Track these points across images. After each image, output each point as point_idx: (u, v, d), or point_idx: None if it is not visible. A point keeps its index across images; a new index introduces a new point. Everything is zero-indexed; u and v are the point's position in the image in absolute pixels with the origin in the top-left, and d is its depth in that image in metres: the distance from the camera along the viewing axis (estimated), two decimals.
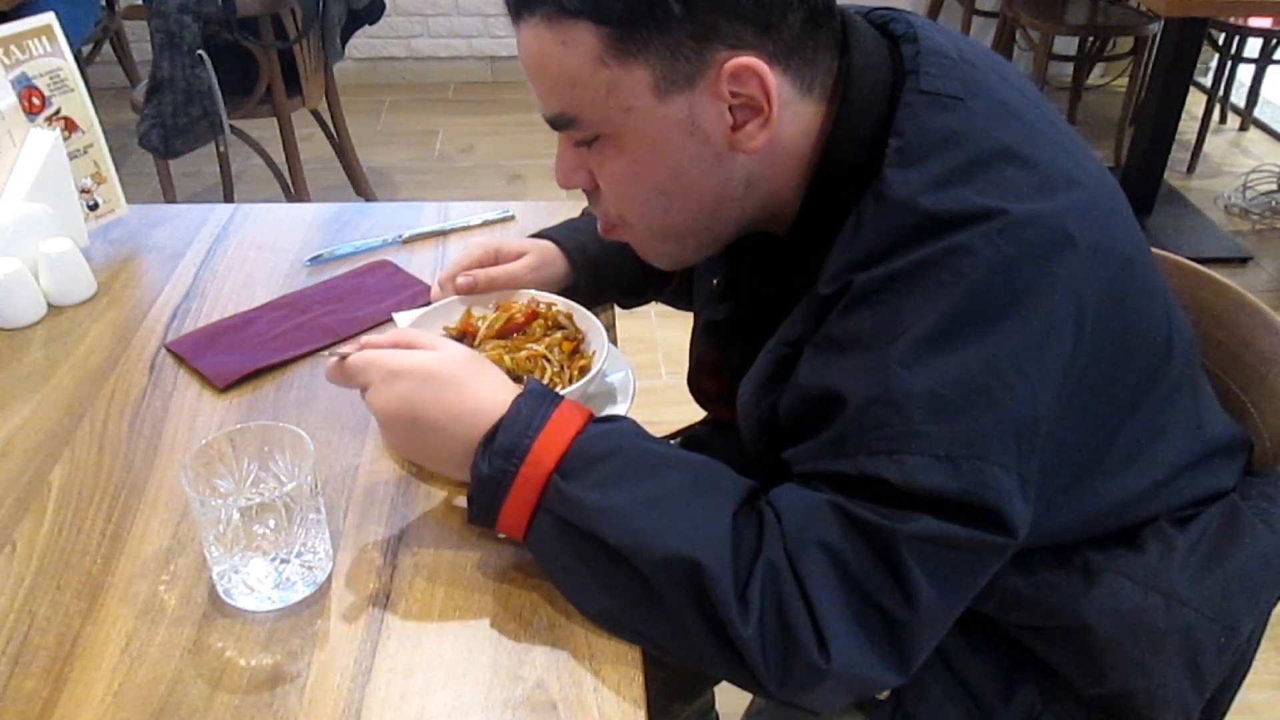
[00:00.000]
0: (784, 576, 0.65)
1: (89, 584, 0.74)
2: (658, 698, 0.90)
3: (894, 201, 0.67)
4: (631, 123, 0.70)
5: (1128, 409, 0.75)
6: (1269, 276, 2.89)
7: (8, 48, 1.10)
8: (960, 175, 0.66)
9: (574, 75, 0.69)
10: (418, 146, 3.63)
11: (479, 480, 0.71)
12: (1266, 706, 1.67)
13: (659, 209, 0.76)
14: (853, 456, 0.66)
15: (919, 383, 0.64)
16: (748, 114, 0.70)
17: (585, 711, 0.65)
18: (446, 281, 0.98)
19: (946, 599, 0.66)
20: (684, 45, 0.67)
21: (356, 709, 0.65)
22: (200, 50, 2.36)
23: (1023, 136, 0.69)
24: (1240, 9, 2.84)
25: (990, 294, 0.64)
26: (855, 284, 0.67)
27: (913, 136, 0.68)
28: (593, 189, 0.78)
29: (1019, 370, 0.64)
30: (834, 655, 0.64)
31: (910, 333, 0.65)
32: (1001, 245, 0.64)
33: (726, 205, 0.75)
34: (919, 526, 0.63)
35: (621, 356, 0.96)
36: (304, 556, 0.73)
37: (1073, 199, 0.67)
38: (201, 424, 0.91)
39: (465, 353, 0.77)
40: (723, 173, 0.73)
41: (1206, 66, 3.84)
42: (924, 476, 0.63)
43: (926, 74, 0.70)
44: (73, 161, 1.15)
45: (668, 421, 1.18)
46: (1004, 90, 0.72)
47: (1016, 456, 0.65)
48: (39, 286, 1.08)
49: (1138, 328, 0.73)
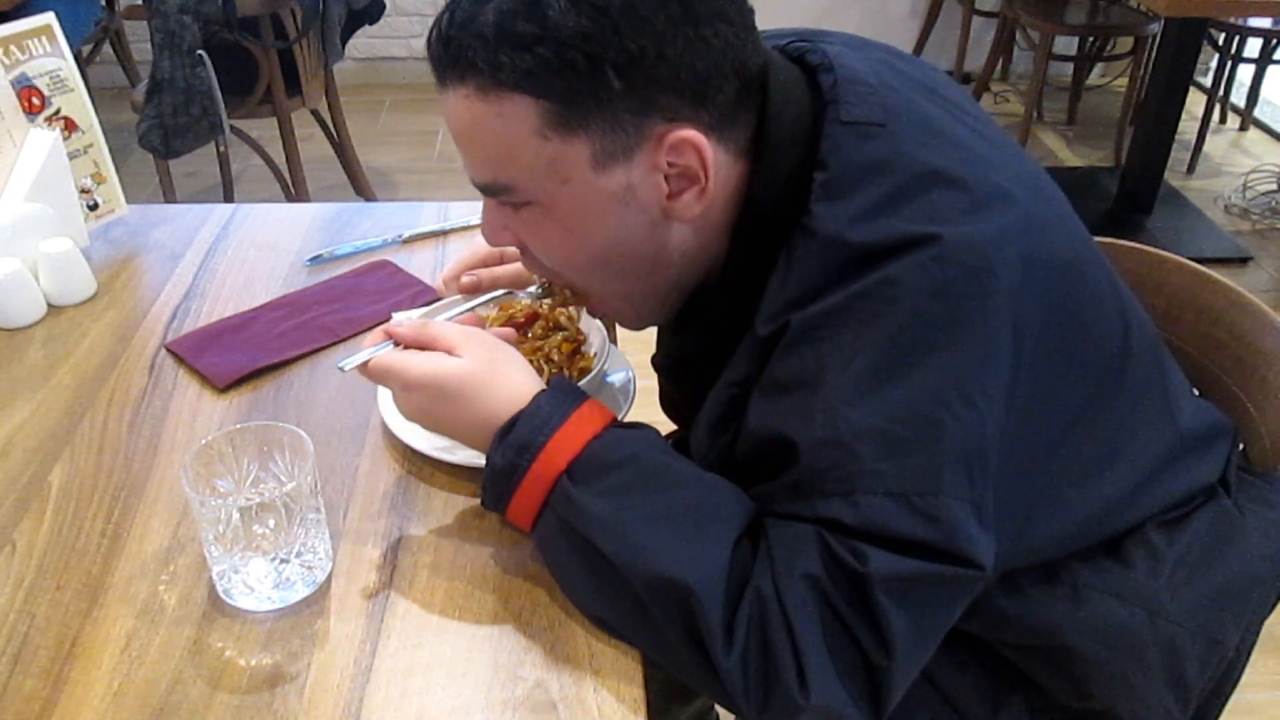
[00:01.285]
0: (771, 607, 0.64)
1: (89, 584, 0.74)
2: (657, 698, 0.90)
3: (823, 237, 0.67)
4: (567, 193, 0.70)
5: (1092, 413, 0.74)
6: (1269, 276, 2.89)
7: (8, 48, 1.10)
8: (887, 204, 0.66)
9: (512, 147, 0.68)
10: (418, 146, 3.63)
11: (492, 470, 0.72)
12: (1266, 706, 1.67)
13: (595, 276, 0.76)
14: (809, 499, 0.65)
15: (865, 420, 0.64)
16: (683, 183, 0.70)
17: (585, 711, 0.65)
18: (450, 280, 0.98)
19: (922, 637, 0.66)
20: (624, 119, 0.66)
21: (356, 709, 0.65)
22: (200, 50, 2.36)
23: (950, 155, 0.69)
24: (1240, 9, 2.84)
25: (926, 323, 0.64)
26: (793, 323, 0.67)
27: (837, 168, 0.68)
28: (522, 247, 0.78)
29: (963, 397, 0.64)
30: (813, 691, 0.63)
31: (852, 369, 0.64)
32: (933, 272, 0.64)
33: (664, 269, 0.76)
34: (887, 568, 0.63)
35: (622, 357, 0.96)
36: (304, 556, 0.73)
37: (1005, 215, 0.67)
38: (201, 424, 0.91)
39: (483, 357, 0.75)
40: (658, 240, 0.73)
41: (1206, 66, 3.84)
42: (880, 517, 0.63)
43: (846, 103, 0.70)
44: (73, 161, 1.15)
45: (667, 422, 1.18)
46: (928, 109, 0.72)
47: (969, 485, 0.64)
48: (39, 286, 1.08)
49: (1088, 332, 0.72)
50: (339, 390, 0.95)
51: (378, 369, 0.75)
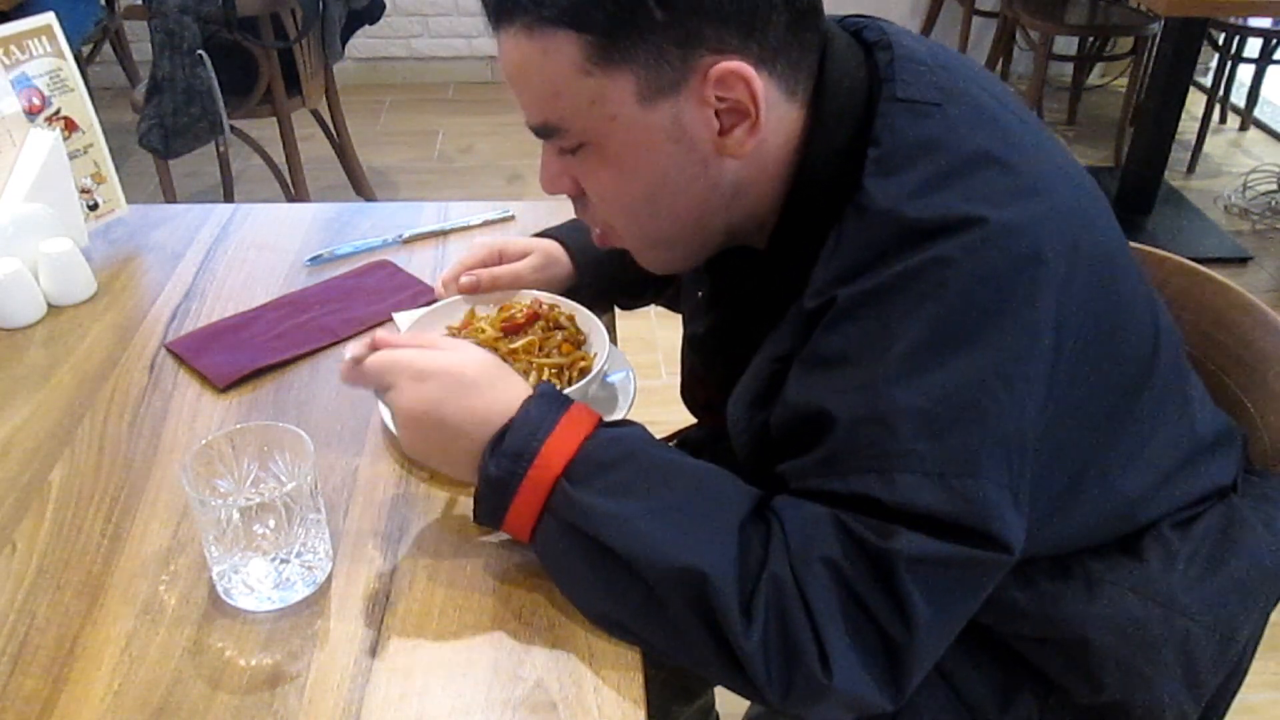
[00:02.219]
0: (788, 591, 0.64)
1: (89, 584, 0.74)
2: (658, 698, 0.90)
3: (875, 212, 0.67)
4: (617, 131, 0.69)
5: (1123, 410, 0.74)
6: (1269, 276, 2.89)
7: (8, 48, 1.10)
8: (940, 182, 0.66)
9: (557, 84, 0.68)
10: (418, 146, 3.63)
11: (486, 481, 0.71)
12: (1266, 707, 1.67)
13: (646, 215, 0.75)
14: (844, 475, 0.65)
15: (908, 400, 0.64)
16: (734, 118, 0.69)
17: (585, 712, 0.65)
18: (450, 281, 0.98)
19: (944, 620, 0.66)
20: (668, 51, 0.66)
21: (356, 709, 0.65)
22: (200, 50, 2.36)
23: (1000, 140, 0.69)
24: (1240, 9, 2.84)
25: (974, 306, 0.64)
26: (840, 298, 0.67)
27: (891, 145, 0.68)
28: (578, 195, 0.77)
29: (1006, 382, 0.64)
30: (835, 672, 0.63)
31: (897, 348, 0.64)
32: (983, 255, 0.64)
33: (713, 212, 0.75)
34: (916, 548, 0.63)
35: (622, 357, 0.96)
36: (304, 556, 0.73)
37: (1053, 202, 0.67)
38: (201, 424, 0.91)
39: (487, 355, 0.76)
40: (709, 179, 0.72)
41: (1206, 66, 3.84)
42: (915, 495, 0.63)
43: (902, 81, 0.70)
44: (73, 161, 1.15)
45: (667, 422, 1.18)
46: (979, 94, 0.72)
47: (1007, 470, 0.64)
48: (39, 286, 1.08)
49: (1124, 328, 0.73)
50: (339, 390, 0.95)
51: (383, 362, 0.74)
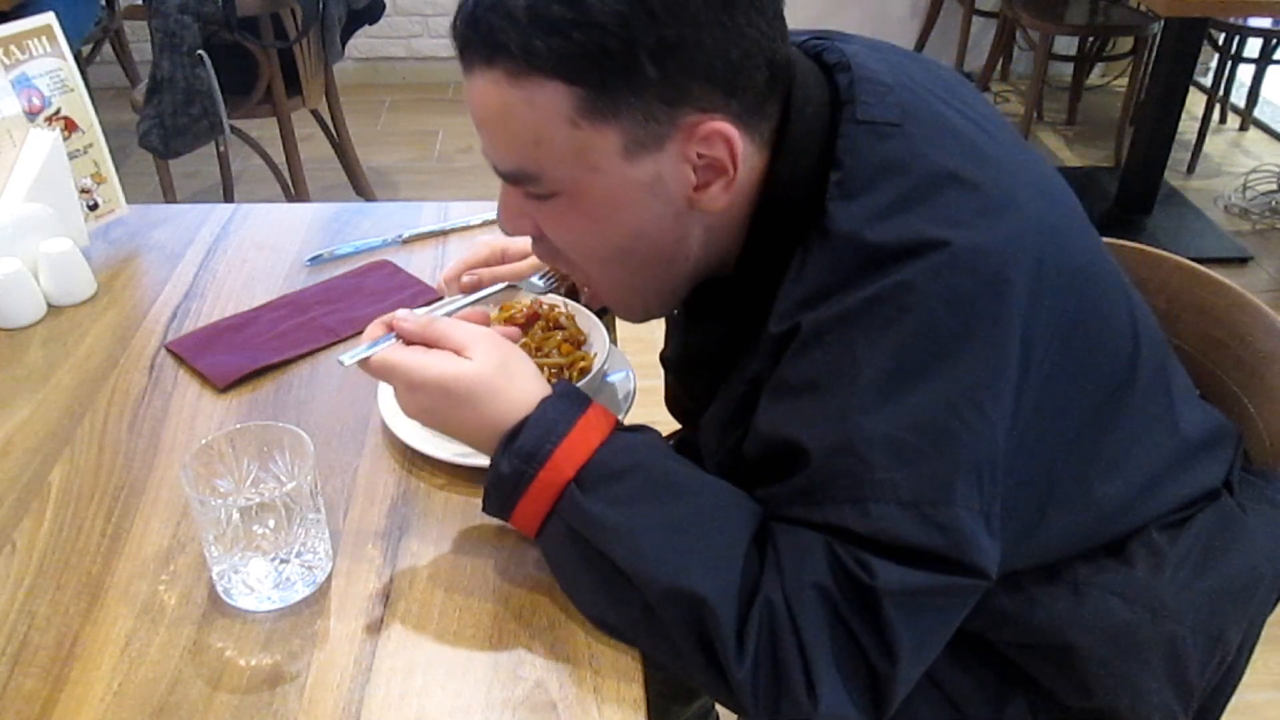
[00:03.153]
0: (780, 616, 0.64)
1: (89, 584, 0.74)
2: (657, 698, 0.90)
3: (837, 236, 0.66)
4: (596, 183, 0.69)
5: (1100, 420, 0.74)
6: (1269, 276, 2.89)
7: (8, 48, 1.10)
8: (902, 205, 0.66)
9: (540, 134, 0.67)
10: (418, 146, 3.63)
11: (497, 476, 0.71)
12: (1267, 706, 1.67)
13: (616, 264, 0.75)
14: (820, 505, 0.65)
15: (877, 428, 0.63)
16: (710, 174, 0.69)
17: (585, 712, 0.65)
18: (451, 280, 0.98)
19: (925, 646, 0.66)
20: (656, 108, 0.66)
21: (356, 709, 0.65)
22: (200, 50, 2.36)
23: (965, 158, 0.68)
24: (1240, 9, 2.84)
25: (939, 330, 0.63)
26: (804, 325, 0.67)
27: (852, 168, 0.68)
28: (540, 237, 0.76)
29: (975, 406, 0.64)
30: (821, 699, 0.63)
31: (864, 376, 0.64)
32: (947, 279, 0.63)
33: (683, 260, 0.75)
34: (896, 581, 0.63)
35: (622, 357, 0.96)
36: (304, 556, 0.73)
37: (1019, 220, 0.66)
38: (201, 424, 0.91)
39: (493, 359, 0.73)
40: (681, 229, 0.72)
41: (1206, 66, 3.84)
42: (890, 525, 0.63)
43: (862, 102, 0.69)
44: (73, 161, 1.15)
45: (667, 422, 1.18)
46: (944, 111, 0.72)
47: (979, 494, 0.64)
48: (39, 286, 1.08)
49: (1098, 340, 0.72)
50: (339, 390, 0.95)
51: (382, 365, 0.73)
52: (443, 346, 0.74)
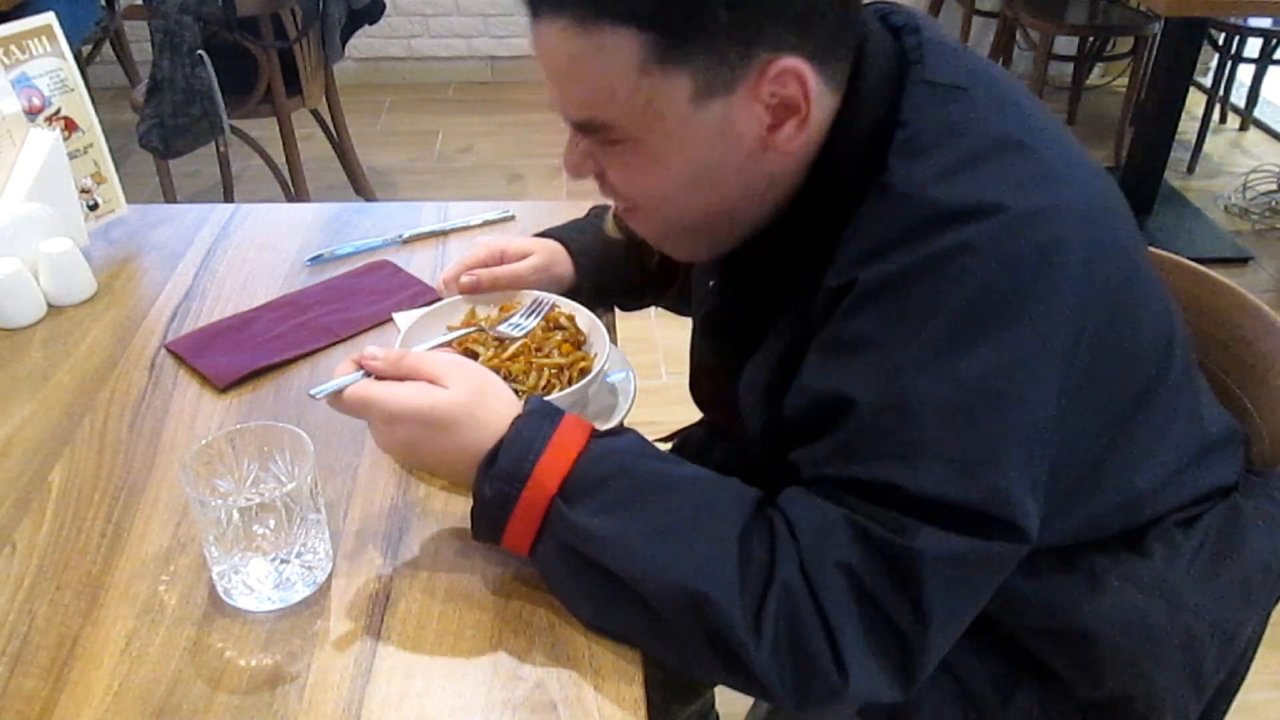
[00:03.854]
0: (800, 599, 0.64)
1: (89, 584, 0.74)
2: (657, 698, 0.90)
3: (899, 194, 0.66)
4: (665, 128, 0.68)
5: (1141, 406, 0.74)
6: (1269, 276, 2.89)
7: (8, 48, 1.10)
8: (965, 166, 0.66)
9: (610, 83, 0.66)
10: (418, 146, 3.63)
11: (481, 502, 0.70)
12: (1266, 706, 1.66)
13: (678, 209, 0.74)
14: (865, 462, 0.65)
15: (931, 387, 0.63)
16: (783, 113, 0.68)
17: (585, 712, 0.65)
18: (451, 280, 0.98)
19: (958, 614, 0.66)
20: (727, 52, 0.65)
21: (356, 709, 0.65)
22: (200, 50, 2.36)
23: (1025, 127, 0.69)
24: (1240, 9, 2.84)
25: (998, 293, 0.63)
26: (861, 282, 0.66)
27: (917, 127, 0.68)
28: (601, 178, 0.76)
29: (1029, 371, 0.64)
30: (851, 675, 0.63)
31: (920, 335, 0.64)
32: (1008, 242, 0.63)
33: (747, 205, 0.74)
34: (938, 546, 0.63)
35: (622, 357, 0.96)
36: (304, 557, 0.73)
37: (1076, 192, 0.67)
38: (201, 424, 0.91)
39: (471, 386, 0.72)
40: (748, 173, 0.71)
41: (1206, 66, 3.84)
42: (937, 484, 0.63)
43: (930, 64, 0.70)
44: (73, 161, 1.15)
45: (668, 421, 1.18)
46: (1004, 81, 0.72)
47: (1028, 460, 0.64)
48: (39, 286, 1.08)
49: (1142, 323, 0.73)
50: None
51: (356, 399, 0.71)
52: (417, 379, 0.72)
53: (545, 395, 0.85)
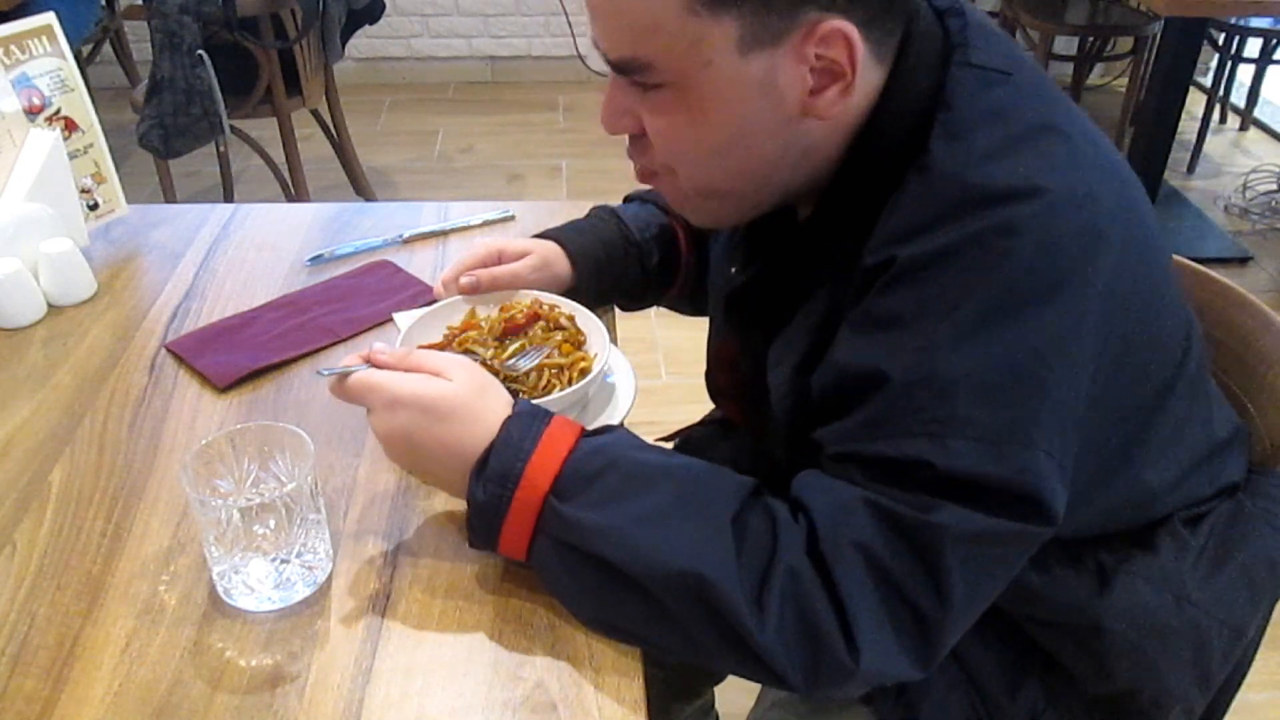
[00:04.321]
0: (807, 583, 0.64)
1: (89, 584, 0.74)
2: (658, 698, 0.90)
3: (939, 174, 0.66)
4: (707, 76, 0.67)
5: (1160, 402, 0.75)
6: (1269, 276, 2.89)
7: (8, 48, 1.10)
8: (1006, 149, 0.66)
9: (658, 22, 0.66)
10: (418, 146, 3.63)
11: (475, 506, 0.70)
12: (1266, 706, 1.67)
13: (712, 166, 0.73)
14: (893, 438, 0.65)
15: (964, 366, 0.63)
16: (827, 79, 0.68)
17: (585, 712, 0.65)
18: (450, 281, 0.98)
19: (978, 595, 0.66)
20: (776, 2, 0.65)
21: (357, 709, 0.65)
22: (200, 50, 2.36)
23: (1065, 115, 0.69)
24: (1240, 9, 2.84)
25: (1035, 276, 0.64)
26: (899, 259, 0.66)
27: (961, 110, 0.68)
28: (640, 134, 0.74)
29: (1063, 354, 0.64)
30: (863, 656, 0.63)
31: (955, 314, 0.64)
32: (1046, 225, 0.64)
33: (779, 171, 0.73)
34: (962, 524, 0.63)
35: (622, 358, 0.96)
36: (304, 557, 0.73)
37: (1111, 181, 0.68)
38: (201, 424, 0.91)
39: (473, 383, 0.73)
40: (786, 137, 0.71)
41: (1206, 66, 3.84)
42: (967, 461, 0.63)
43: (975, 48, 0.70)
44: (73, 161, 1.15)
45: (668, 421, 1.18)
46: (1039, 70, 0.72)
47: (1059, 442, 0.65)
48: (39, 286, 1.08)
49: (1164, 319, 0.73)
50: None
51: (360, 385, 0.73)
52: (424, 370, 0.74)
53: (545, 395, 0.85)
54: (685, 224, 1.08)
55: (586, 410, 0.89)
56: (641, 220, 1.05)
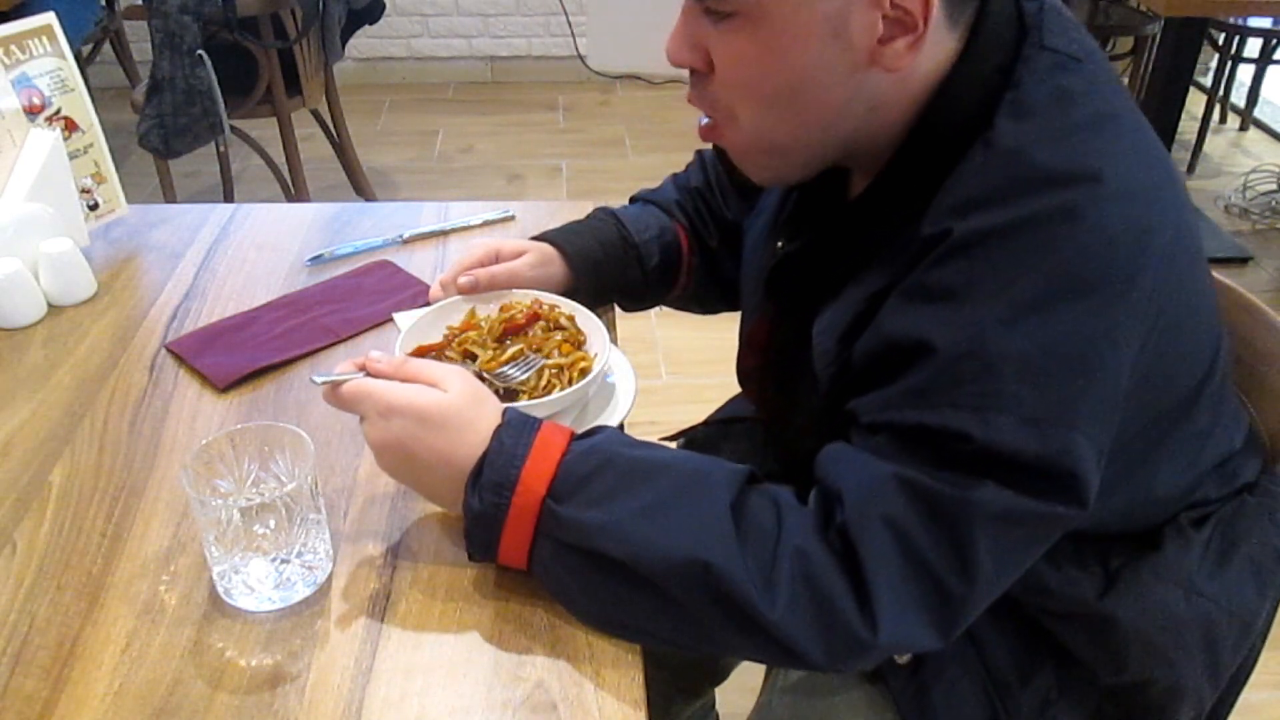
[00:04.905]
0: (816, 561, 0.65)
1: (89, 584, 0.74)
2: (658, 698, 0.90)
3: (1002, 150, 0.67)
4: (780, 8, 0.67)
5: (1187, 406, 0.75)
6: (1269, 276, 2.89)
7: (8, 48, 1.10)
8: (1070, 133, 0.67)
9: None
10: (418, 146, 3.63)
11: (473, 517, 0.70)
12: (1266, 706, 1.67)
13: (777, 111, 0.73)
14: (936, 409, 0.65)
15: (1014, 345, 0.64)
16: (898, 30, 0.68)
17: (585, 712, 0.65)
18: (449, 282, 0.98)
19: (1003, 573, 0.67)
20: None
21: (357, 709, 0.65)
22: (200, 50, 2.36)
23: (1129, 107, 0.70)
24: (1240, 9, 2.84)
25: (1091, 262, 0.64)
26: (955, 233, 0.66)
27: (1029, 90, 0.68)
28: (705, 71, 0.74)
29: (1110, 341, 0.65)
30: (882, 629, 0.64)
31: (1010, 293, 0.64)
32: (1105, 212, 0.64)
33: (842, 122, 0.73)
34: (994, 502, 0.63)
35: (623, 358, 0.96)
36: (304, 556, 0.73)
37: (1168, 181, 0.69)
38: (201, 424, 0.91)
39: (467, 393, 0.73)
40: (851, 87, 0.71)
41: (1206, 66, 3.84)
42: (1008, 437, 0.63)
43: (1049, 31, 0.71)
44: (73, 161, 1.15)
45: (668, 421, 1.18)
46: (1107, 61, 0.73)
47: (1098, 429, 0.65)
48: (39, 286, 1.08)
49: (1202, 319, 0.74)
50: None
51: (354, 392, 0.73)
52: (420, 380, 0.74)
53: (545, 395, 0.85)
54: (688, 224, 1.08)
55: (586, 410, 0.89)
56: (642, 222, 1.05)
